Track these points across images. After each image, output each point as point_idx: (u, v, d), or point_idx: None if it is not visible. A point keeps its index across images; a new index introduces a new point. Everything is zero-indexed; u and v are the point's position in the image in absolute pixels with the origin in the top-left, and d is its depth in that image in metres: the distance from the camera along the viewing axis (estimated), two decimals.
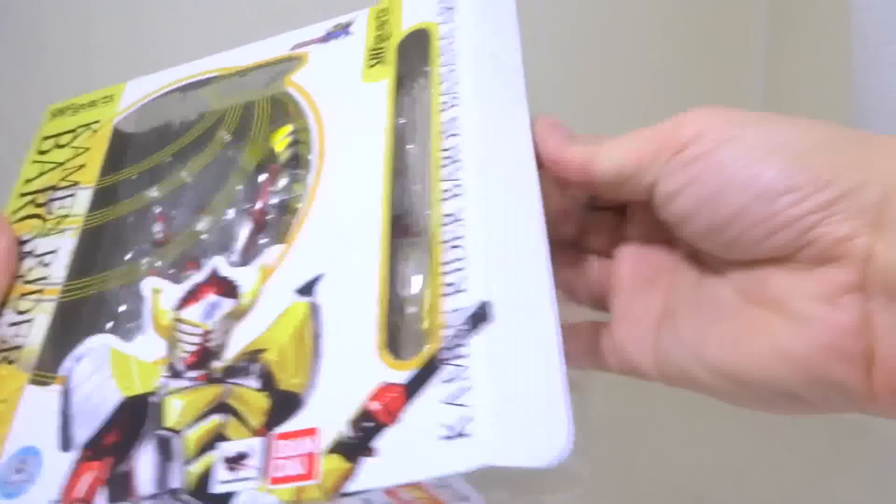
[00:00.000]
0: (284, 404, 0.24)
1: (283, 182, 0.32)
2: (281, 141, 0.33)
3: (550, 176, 0.31)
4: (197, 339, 0.27)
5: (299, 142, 0.32)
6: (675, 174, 0.28)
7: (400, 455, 0.21)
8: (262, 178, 0.33)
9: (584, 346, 0.33)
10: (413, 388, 0.22)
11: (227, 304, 0.27)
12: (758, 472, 0.48)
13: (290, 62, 0.35)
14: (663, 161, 0.28)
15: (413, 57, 0.32)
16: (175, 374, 0.27)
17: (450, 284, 0.24)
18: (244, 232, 0.31)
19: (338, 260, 0.26)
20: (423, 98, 0.31)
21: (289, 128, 0.32)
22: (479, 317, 0.23)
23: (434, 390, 0.22)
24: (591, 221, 0.35)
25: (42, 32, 0.61)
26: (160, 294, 0.29)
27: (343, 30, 0.34)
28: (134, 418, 0.26)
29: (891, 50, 0.38)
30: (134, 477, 0.24)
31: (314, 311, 0.25)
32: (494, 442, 0.20)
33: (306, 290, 0.26)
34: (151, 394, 0.26)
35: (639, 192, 0.30)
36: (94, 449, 0.26)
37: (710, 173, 0.27)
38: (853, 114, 0.42)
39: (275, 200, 0.31)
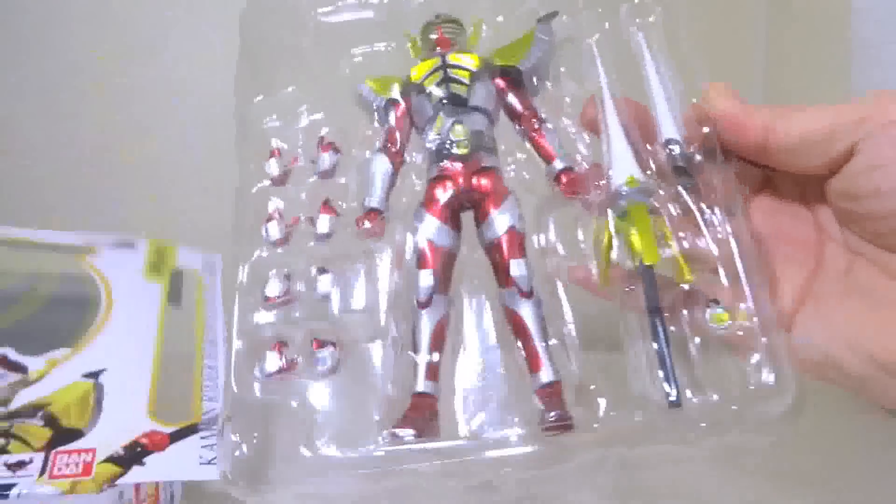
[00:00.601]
0: (66, 435, 0.34)
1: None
2: None
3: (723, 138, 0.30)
4: None
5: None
6: (885, 147, 0.27)
7: (166, 466, 0.33)
8: None
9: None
10: (176, 437, 0.34)
11: (13, 377, 0.37)
12: None
13: (82, 247, 0.45)
14: (868, 130, 0.27)
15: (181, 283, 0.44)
16: None
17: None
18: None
19: (120, 364, 0.38)
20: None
21: None
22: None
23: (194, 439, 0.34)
24: None
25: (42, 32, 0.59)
26: None
27: (127, 243, 0.47)
28: None
29: (891, 50, 0.38)
30: None
31: (98, 387, 0.37)
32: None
33: (92, 375, 0.37)
34: None
35: (821, 161, 0.29)
36: None
37: None
38: None
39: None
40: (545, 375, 0.29)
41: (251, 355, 0.30)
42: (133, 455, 0.33)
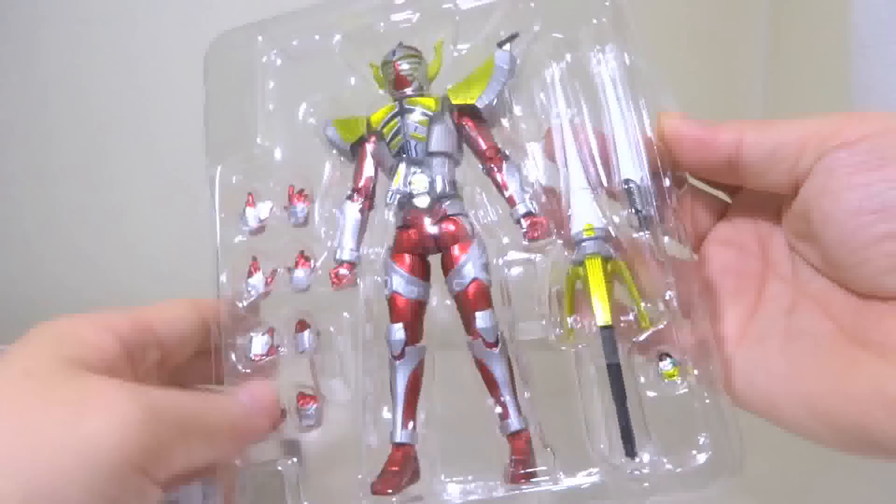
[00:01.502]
0: None
1: None
2: None
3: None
4: None
5: None
6: (839, 172, 0.26)
7: None
8: None
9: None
10: None
11: None
12: None
13: None
14: (823, 150, 0.26)
15: None
16: None
17: None
18: None
19: None
20: None
21: None
22: None
23: None
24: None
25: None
26: None
27: None
28: None
29: (891, 50, 0.37)
30: None
31: None
32: None
33: None
34: None
35: (787, 178, 0.28)
36: None
37: (881, 185, 0.25)
38: None
39: None
40: (513, 424, 0.31)
41: None
42: None
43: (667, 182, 0.30)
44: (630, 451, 0.28)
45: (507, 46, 0.35)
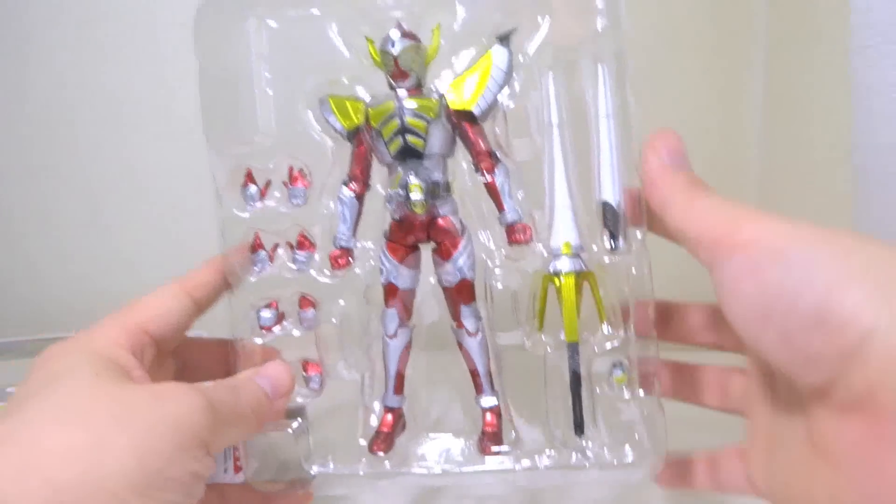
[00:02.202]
0: None
1: None
2: None
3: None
4: None
5: None
6: (725, 283, 0.27)
7: None
8: None
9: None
10: None
11: None
12: None
13: None
14: (716, 258, 0.27)
15: None
16: None
17: None
18: None
19: None
20: None
21: None
22: None
23: None
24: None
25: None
26: None
27: None
28: None
29: (891, 50, 0.37)
30: None
31: None
32: None
33: None
34: None
35: (695, 256, 0.29)
36: None
37: (756, 295, 0.26)
38: (853, 114, 0.41)
39: None
40: (487, 399, 0.37)
41: None
42: None
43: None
44: (578, 431, 0.35)
45: (505, 43, 0.35)
